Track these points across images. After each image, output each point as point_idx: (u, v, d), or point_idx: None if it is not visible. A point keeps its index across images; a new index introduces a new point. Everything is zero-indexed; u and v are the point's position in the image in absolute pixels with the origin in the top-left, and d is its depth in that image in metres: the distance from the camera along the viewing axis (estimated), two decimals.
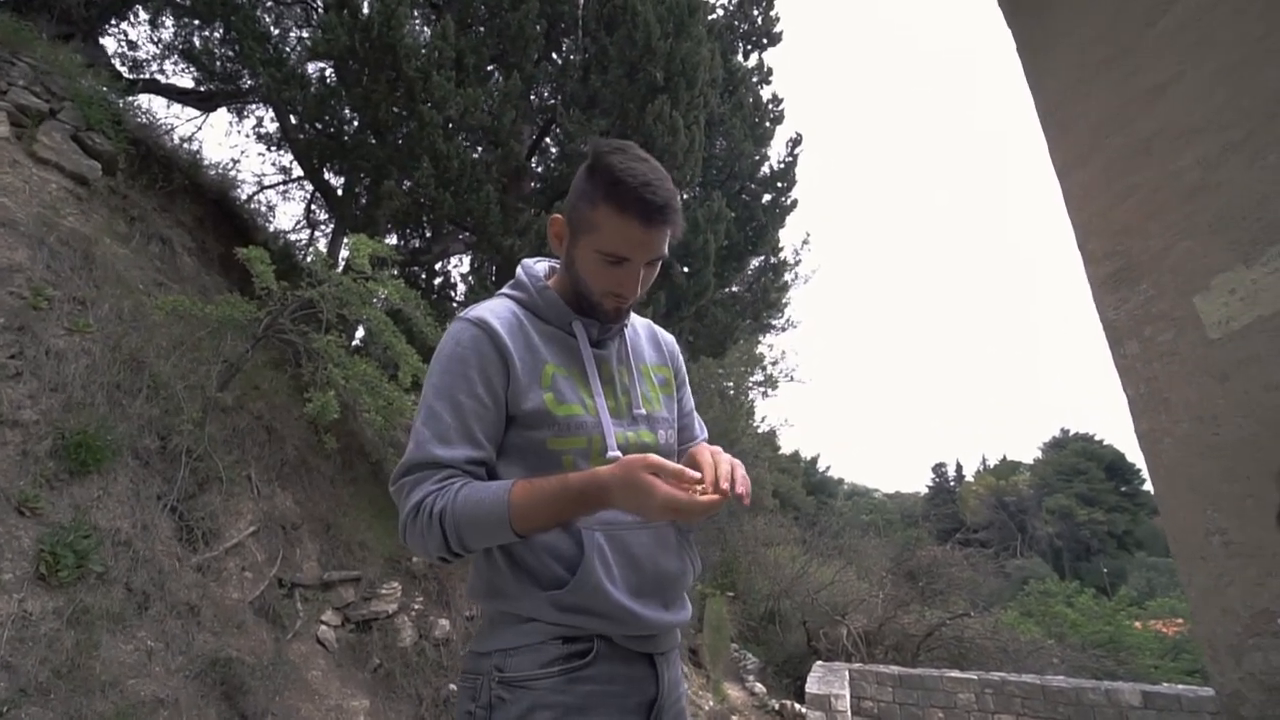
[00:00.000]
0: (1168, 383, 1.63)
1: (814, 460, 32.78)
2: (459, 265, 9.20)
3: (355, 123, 6.75)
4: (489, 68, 6.80)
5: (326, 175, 7.68)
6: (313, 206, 9.64)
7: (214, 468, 4.02)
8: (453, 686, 4.61)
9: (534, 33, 6.38)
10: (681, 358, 1.34)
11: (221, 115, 9.01)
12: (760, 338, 14.76)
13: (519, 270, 1.18)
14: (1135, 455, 1.66)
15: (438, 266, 8.25)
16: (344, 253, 5.93)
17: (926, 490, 47.77)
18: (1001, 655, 9.05)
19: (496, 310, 1.09)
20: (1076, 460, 41.34)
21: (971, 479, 47.10)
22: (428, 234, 7.82)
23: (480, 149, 6.74)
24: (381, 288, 4.98)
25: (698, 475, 0.92)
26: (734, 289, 9.45)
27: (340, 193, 7.62)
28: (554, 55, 7.46)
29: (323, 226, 9.74)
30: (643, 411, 1.13)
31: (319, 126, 6.66)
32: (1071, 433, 44.56)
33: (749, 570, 11.47)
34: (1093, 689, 6.37)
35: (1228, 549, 1.52)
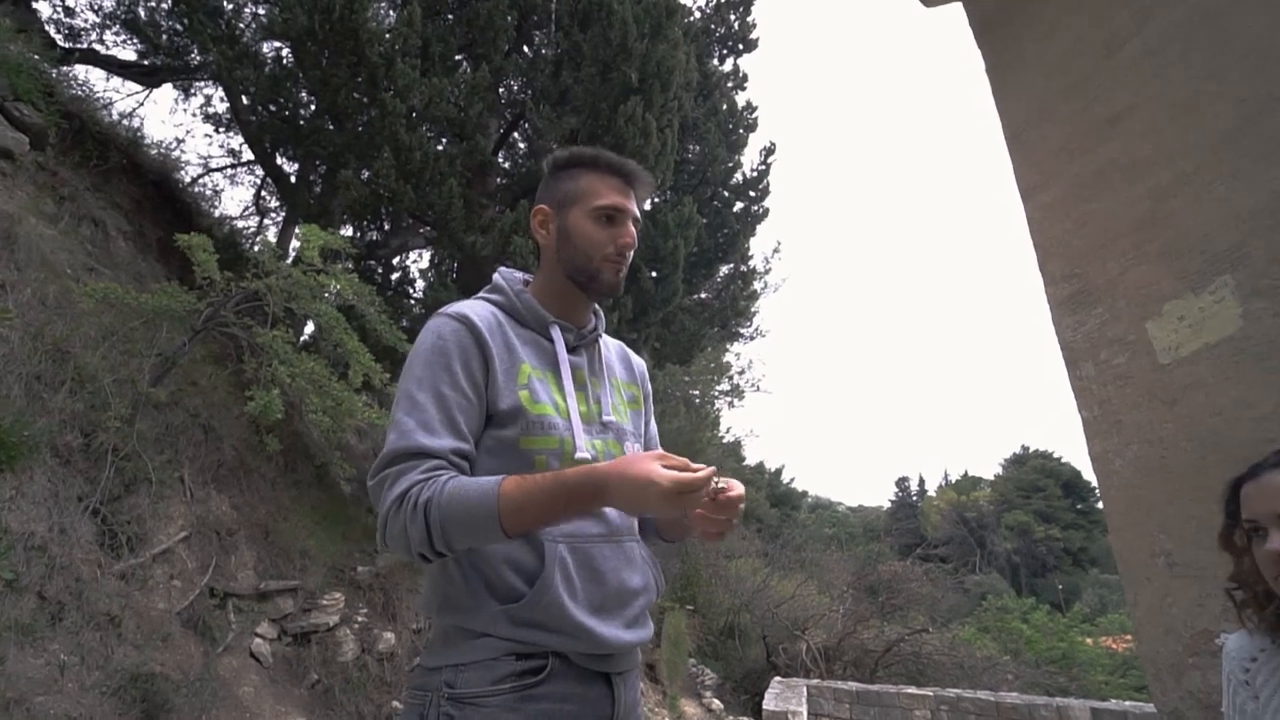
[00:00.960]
0: (1120, 405, 1.64)
1: (778, 472, 33.05)
2: (418, 261, 8.98)
3: (312, 107, 6.50)
4: (457, 57, 6.64)
5: (279, 160, 7.39)
6: (263, 193, 9.24)
7: (143, 468, 3.79)
8: (397, 704, 4.44)
9: (505, 24, 6.24)
10: (650, 384, 1.35)
11: (166, 92, 8.57)
12: (728, 346, 14.80)
13: (496, 276, 1.18)
14: (1091, 474, 1.68)
15: (395, 261, 8.02)
16: (295, 243, 5.70)
17: (889, 504, 48.74)
18: (958, 671, 9.20)
19: (476, 309, 1.09)
20: (1036, 477, 42.58)
21: (934, 494, 48.18)
22: (386, 227, 7.58)
23: (445, 141, 6.57)
24: (334, 281, 4.79)
25: (706, 469, 0.88)
26: (702, 296, 9.42)
27: (293, 180, 7.34)
28: (525, 48, 7.33)
29: (273, 215, 9.35)
30: (612, 419, 1.14)
31: (273, 109, 6.39)
32: (1032, 449, 45.85)
33: (710, 583, 11.46)
34: (1044, 705, 6.55)
35: (1172, 570, 1.53)
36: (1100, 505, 1.77)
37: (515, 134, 7.96)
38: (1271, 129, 1.37)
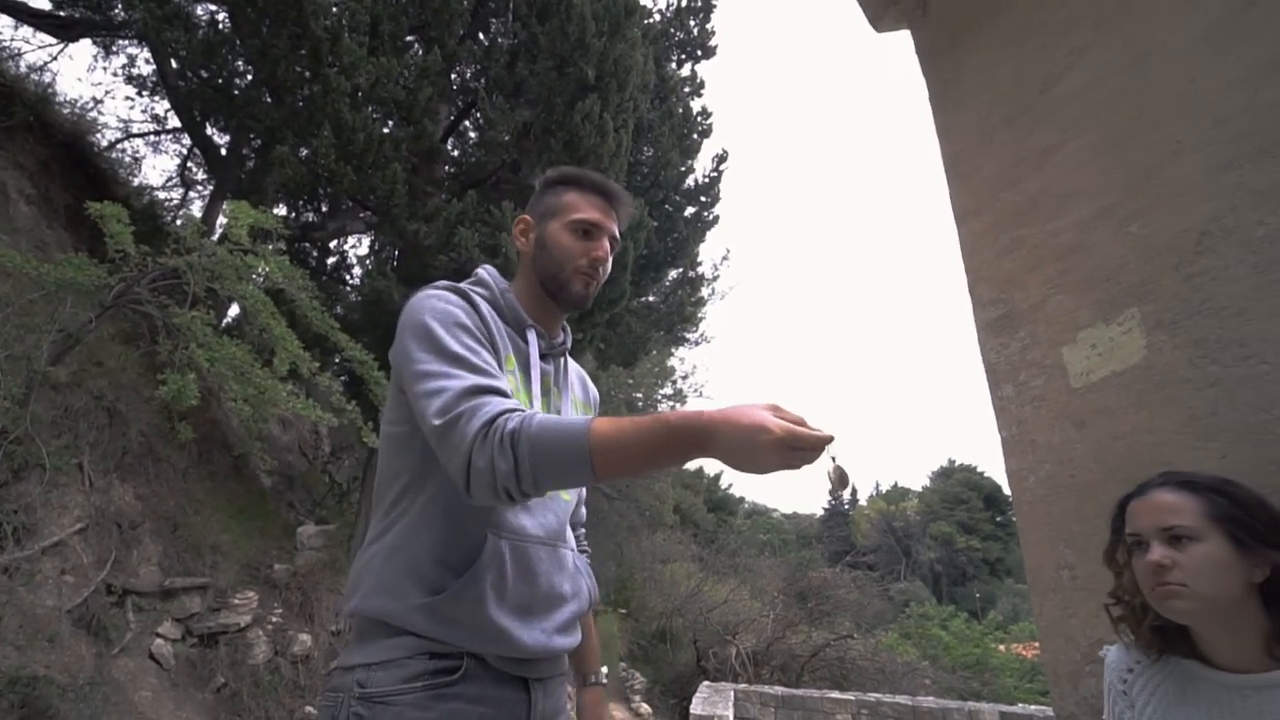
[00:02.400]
0: (1035, 426, 1.72)
1: (717, 477, 33.45)
2: (356, 246, 8.64)
3: (249, 77, 6.16)
4: (408, 38, 6.43)
5: (209, 131, 6.95)
6: (189, 164, 8.67)
7: (36, 453, 3.48)
8: (310, 709, 4.23)
9: (460, 8, 6.08)
10: (598, 411, 1.37)
11: (84, 47, 7.89)
12: (673, 350, 14.89)
13: (482, 271, 1.19)
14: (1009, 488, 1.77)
15: (332, 245, 7.68)
16: (222, 220, 5.37)
17: (822, 512, 50.00)
18: (880, 676, 9.53)
19: (467, 293, 1.09)
20: (960, 490, 44.57)
21: (865, 503, 49.77)
22: (323, 208, 7.25)
23: (391, 124, 6.34)
24: (262, 263, 4.53)
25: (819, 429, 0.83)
26: (650, 299, 9.44)
27: (224, 152, 6.92)
28: (480, 35, 7.17)
29: (199, 188, 8.78)
30: None
31: (204, 75, 6.02)
32: (958, 463, 47.92)
33: (644, 587, 11.49)
34: (957, 709, 6.89)
35: (1074, 582, 1.61)
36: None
37: (466, 122, 7.77)
38: (1184, 171, 1.46)
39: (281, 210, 6.90)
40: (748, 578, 12.82)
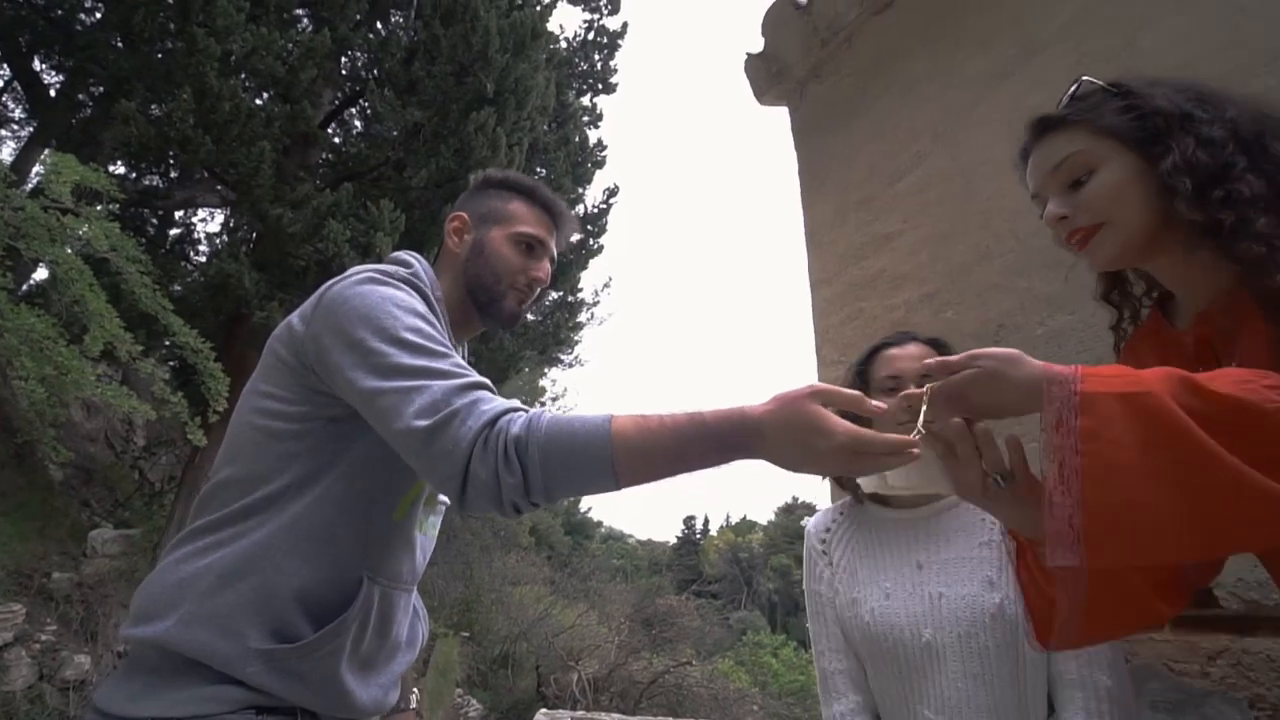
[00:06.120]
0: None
1: (577, 501, 33.49)
2: (207, 221, 7.78)
3: (98, 15, 5.43)
4: (298, 12, 6.02)
5: (36, 65, 6.00)
6: (5, 99, 7.41)
7: None
8: None
9: None
10: None
11: None
12: (545, 371, 14.81)
13: (414, 261, 1.02)
14: None
15: (177, 216, 6.87)
16: (38, 169, 4.63)
17: (676, 540, 51.32)
18: (713, 703, 9.86)
19: (421, 287, 0.96)
20: (800, 525, 47.77)
21: (715, 534, 51.80)
22: (172, 175, 6.49)
23: (266, 98, 5.86)
24: (86, 226, 3.96)
25: (880, 405, 0.72)
26: (529, 317, 9.39)
27: (53, 94, 5.99)
28: (378, 24, 6.87)
29: (14, 128, 7.50)
30: None
31: (38, 2, 5.22)
32: (800, 500, 51.45)
33: (490, 609, 11.10)
34: None
35: None
36: None
37: (352, 110, 7.37)
38: (989, 272, 1.74)
39: (119, 170, 6.08)
40: (598, 602, 12.85)
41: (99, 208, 4.20)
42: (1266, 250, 0.69)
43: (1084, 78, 0.86)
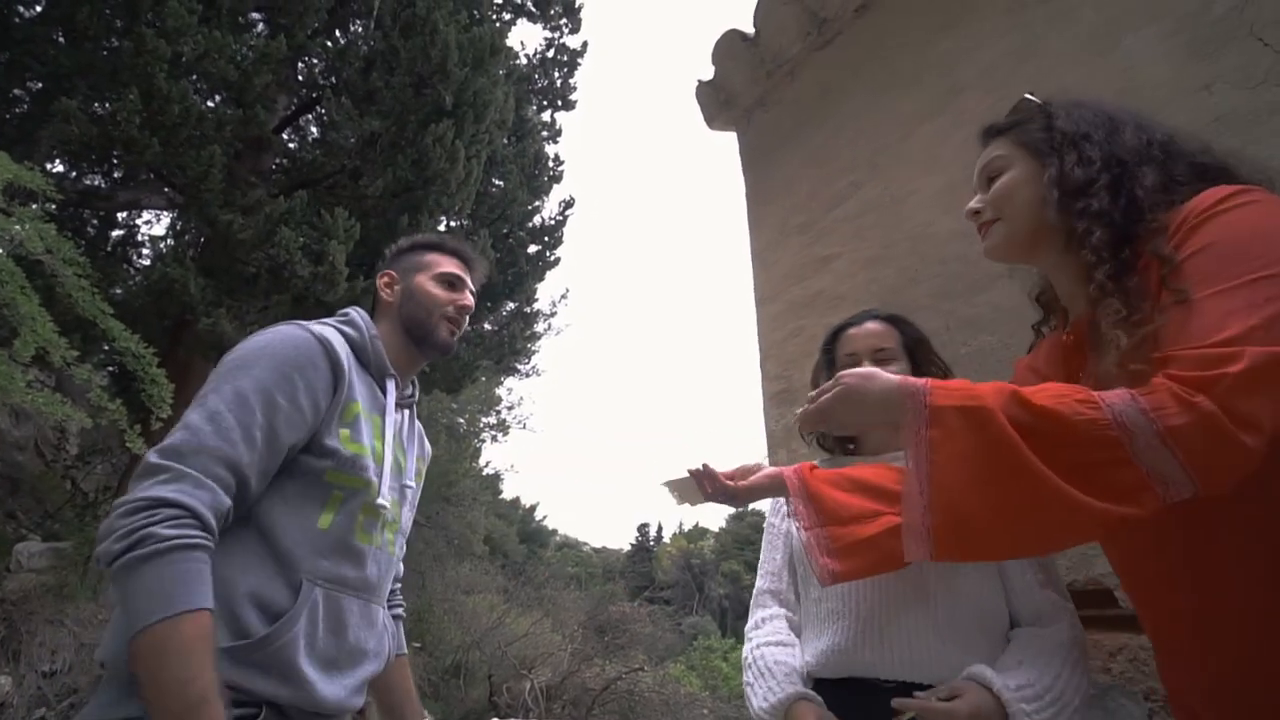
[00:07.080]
0: None
1: (533, 508, 33.06)
2: (152, 224, 7.54)
3: (38, 9, 5.23)
4: (253, 16, 5.92)
5: None
6: None
7: None
8: None
9: (317, 2, 5.77)
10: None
11: None
12: (501, 380, 14.70)
13: (354, 313, 1.22)
14: None
15: (120, 217, 6.62)
16: None
17: (630, 547, 51.21)
18: (664, 708, 9.90)
19: (333, 337, 1.09)
20: (750, 532, 48.34)
21: (669, 540, 51.90)
22: (115, 175, 6.26)
23: (218, 101, 5.73)
24: (18, 226, 3.79)
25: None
26: (486, 326, 9.37)
27: None
28: (337, 33, 6.82)
29: None
30: (410, 484, 1.23)
31: None
32: (750, 509, 52.07)
33: (442, 619, 10.90)
34: None
35: None
36: None
37: (309, 117, 7.26)
38: (917, 295, 1.89)
39: (58, 169, 5.83)
40: (552, 610, 12.77)
41: (32, 208, 4.03)
42: (1095, 260, 0.79)
43: (1026, 95, 0.97)
